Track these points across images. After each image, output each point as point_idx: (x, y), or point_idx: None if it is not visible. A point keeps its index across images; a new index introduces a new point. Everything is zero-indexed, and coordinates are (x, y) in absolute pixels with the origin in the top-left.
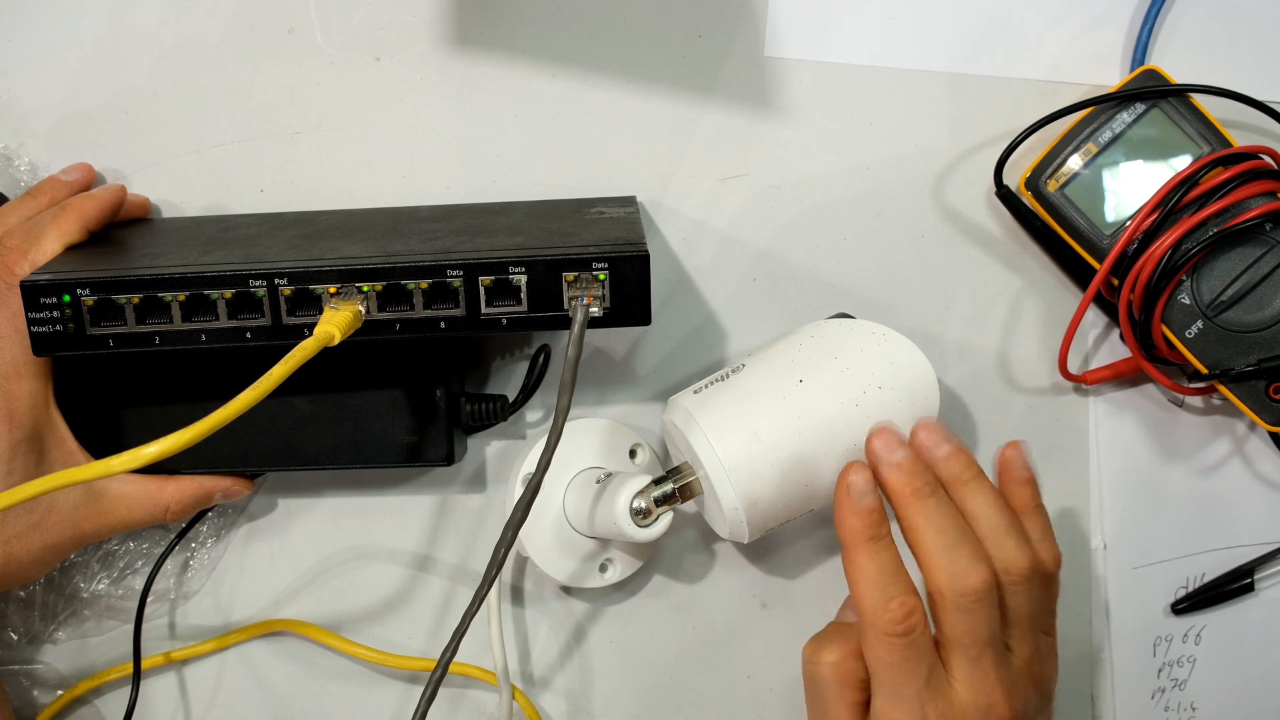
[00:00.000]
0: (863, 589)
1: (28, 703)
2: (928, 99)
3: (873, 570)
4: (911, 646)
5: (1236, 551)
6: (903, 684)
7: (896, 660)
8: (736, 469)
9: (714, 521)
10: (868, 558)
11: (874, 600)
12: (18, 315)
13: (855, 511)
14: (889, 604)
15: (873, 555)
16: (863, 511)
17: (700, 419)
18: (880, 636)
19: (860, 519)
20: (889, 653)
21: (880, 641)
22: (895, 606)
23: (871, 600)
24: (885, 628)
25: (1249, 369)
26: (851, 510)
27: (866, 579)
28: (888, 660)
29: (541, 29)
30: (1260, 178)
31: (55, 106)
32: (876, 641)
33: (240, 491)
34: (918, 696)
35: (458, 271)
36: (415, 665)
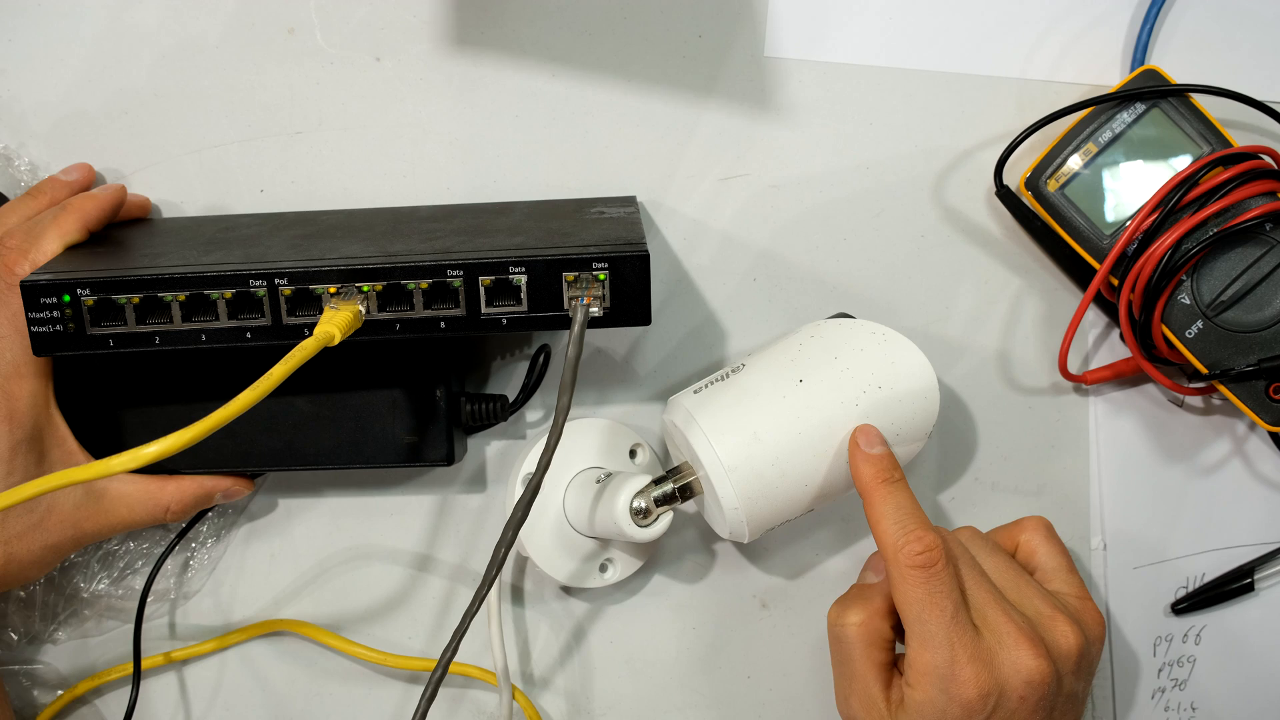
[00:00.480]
0: (883, 527)
1: (28, 703)
2: (928, 99)
3: (890, 508)
4: (935, 578)
5: (1236, 551)
6: (929, 619)
7: (921, 595)
8: (736, 469)
9: (714, 521)
10: (882, 498)
11: (894, 536)
12: (18, 315)
13: (867, 460)
14: (908, 537)
15: (887, 495)
16: (875, 459)
17: (700, 419)
18: (904, 571)
19: (873, 465)
20: (914, 586)
21: (904, 577)
22: (914, 540)
23: (892, 537)
24: (907, 560)
25: (1249, 369)
26: (864, 459)
27: (885, 518)
28: (913, 596)
29: (541, 29)
30: (1260, 178)
31: (55, 106)
32: (901, 578)
33: (240, 491)
34: (945, 632)
35: (458, 271)
36: (415, 665)
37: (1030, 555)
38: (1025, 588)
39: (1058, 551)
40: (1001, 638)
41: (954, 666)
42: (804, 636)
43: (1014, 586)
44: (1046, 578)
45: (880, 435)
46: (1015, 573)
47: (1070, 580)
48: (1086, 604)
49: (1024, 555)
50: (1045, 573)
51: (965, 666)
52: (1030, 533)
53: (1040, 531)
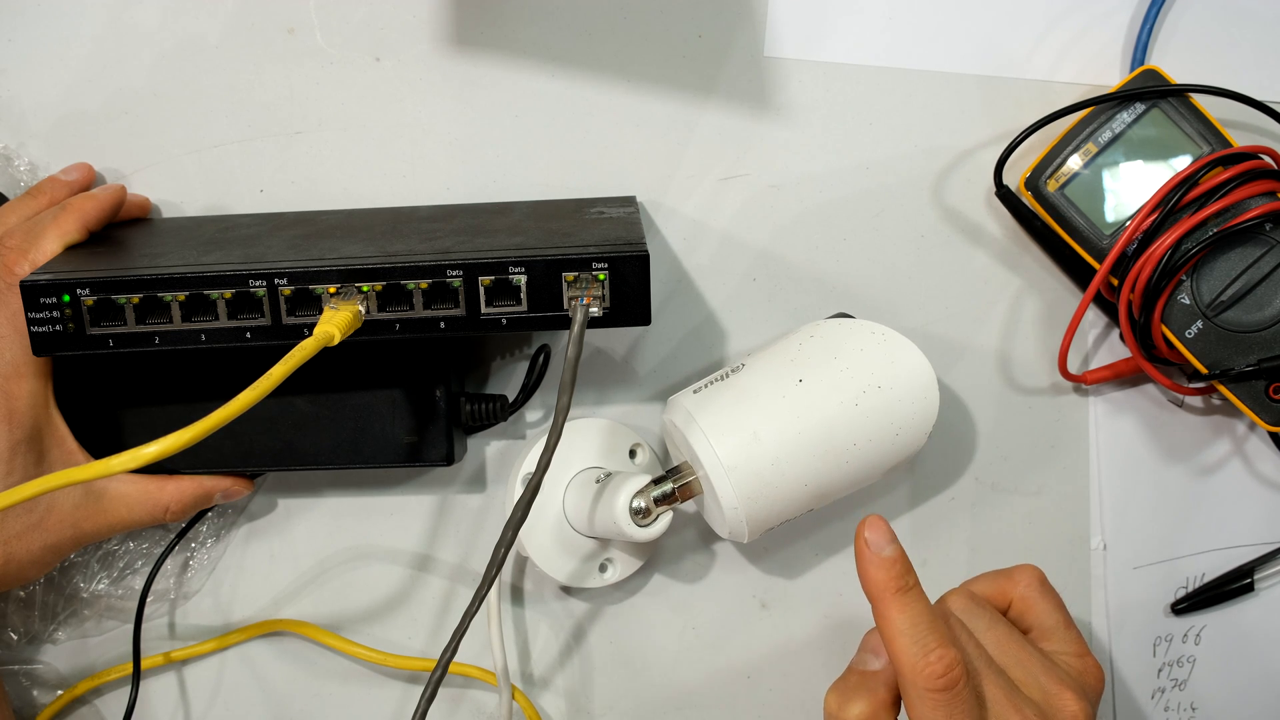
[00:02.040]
0: (899, 644)
1: (28, 703)
2: (928, 99)
3: (906, 623)
4: (956, 700)
5: (1236, 551)
6: None
7: (941, 717)
8: (736, 469)
9: (714, 521)
10: (898, 611)
11: (912, 656)
12: (18, 315)
13: (878, 565)
14: (928, 658)
15: (903, 608)
16: (886, 563)
17: (700, 419)
18: (923, 694)
19: (884, 571)
20: (934, 710)
21: (923, 699)
22: (935, 660)
23: (910, 656)
24: (927, 683)
25: (1249, 369)
26: (873, 563)
27: (901, 633)
28: (931, 718)
29: (541, 29)
30: (1260, 178)
31: (55, 106)
32: (919, 699)
33: (240, 491)
34: None
35: (457, 271)
36: (415, 665)
37: (1025, 612)
38: (1028, 661)
39: (1054, 607)
40: None
41: None
42: (804, 636)
43: (1017, 663)
44: (1044, 635)
45: (890, 531)
46: (1017, 645)
47: (1068, 637)
48: (1086, 661)
49: (1018, 612)
50: (1042, 631)
51: None
52: (1025, 587)
53: (1035, 586)
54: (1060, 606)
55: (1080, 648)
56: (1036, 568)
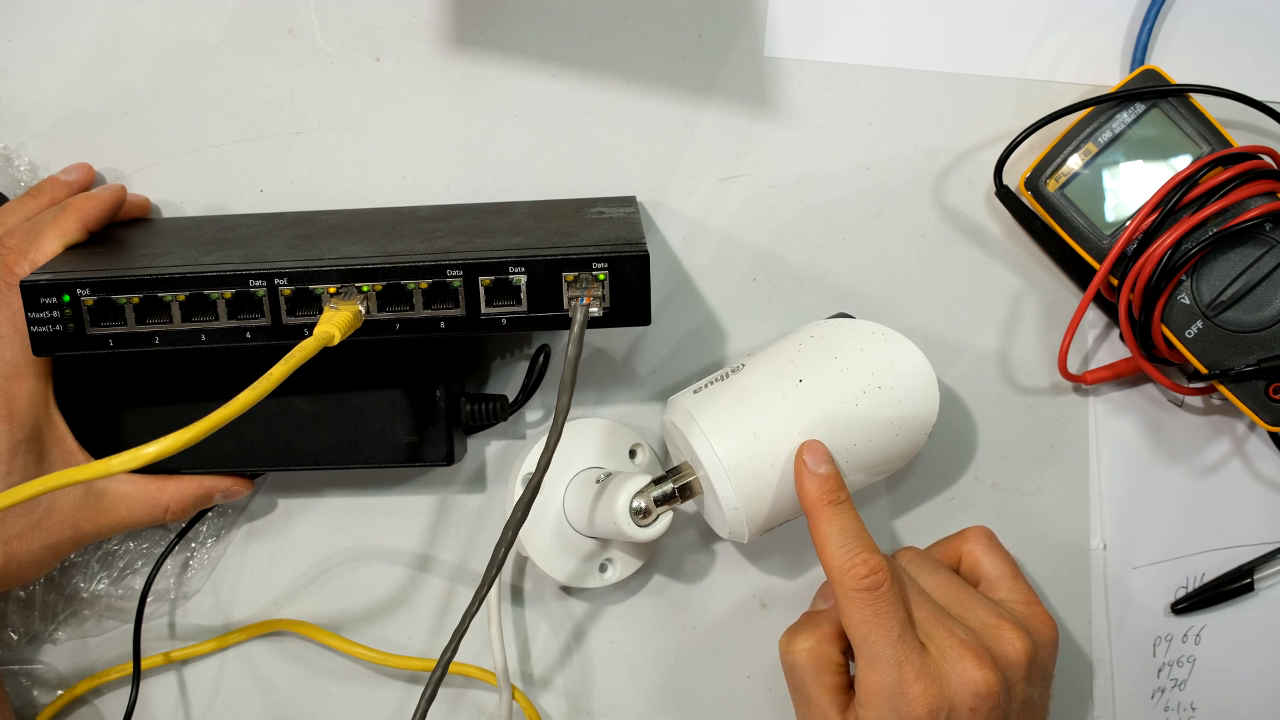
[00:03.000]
0: (829, 550)
1: (28, 703)
2: (928, 99)
3: (835, 531)
4: (880, 600)
5: (1236, 551)
6: (876, 640)
7: (868, 616)
8: (736, 469)
9: (714, 521)
10: (828, 520)
11: (839, 559)
12: (18, 315)
13: (812, 479)
14: (853, 560)
15: (833, 517)
16: (820, 479)
17: (700, 419)
18: (850, 594)
19: (818, 485)
20: (860, 609)
21: (850, 599)
22: (859, 563)
23: (838, 560)
24: (853, 583)
25: (1249, 369)
26: (809, 479)
27: (831, 540)
28: (860, 618)
29: (541, 29)
30: (1260, 178)
31: (55, 106)
32: (847, 601)
33: (240, 491)
34: (893, 652)
35: (458, 271)
36: (415, 665)
37: (974, 566)
38: (969, 600)
39: (1001, 560)
40: (946, 652)
41: (902, 685)
42: None
43: (957, 601)
44: (992, 587)
45: (827, 453)
46: (958, 587)
47: (1016, 587)
48: (1034, 609)
49: (968, 567)
50: (990, 582)
51: (914, 684)
52: (972, 543)
53: (982, 542)
54: (1008, 559)
55: (1028, 596)
56: (985, 527)
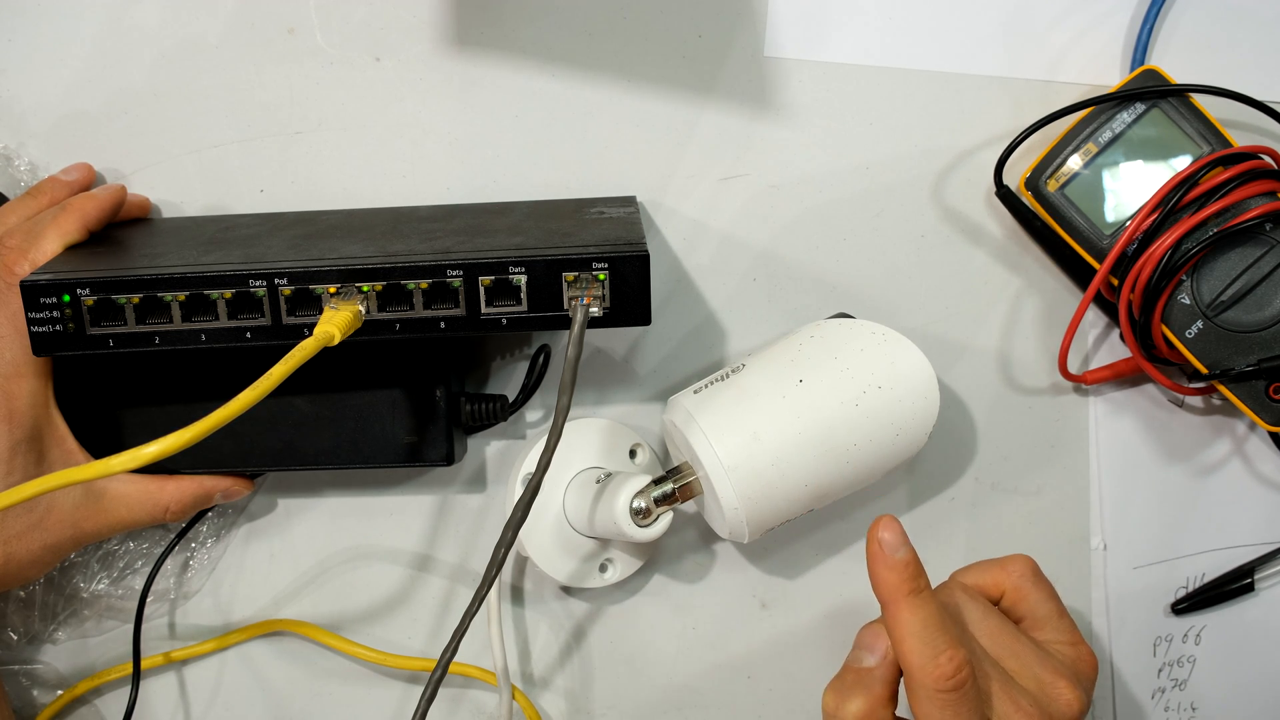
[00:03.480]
0: (909, 645)
1: (28, 703)
2: (928, 99)
3: (917, 625)
4: (964, 700)
5: (1236, 551)
6: None
7: (948, 716)
8: (736, 469)
9: (714, 521)
10: (910, 612)
11: (922, 657)
12: (18, 315)
13: (890, 566)
14: (938, 659)
15: (914, 609)
16: (898, 565)
17: (700, 419)
18: (932, 694)
19: (896, 573)
20: (941, 710)
21: (932, 699)
22: (945, 661)
23: (920, 657)
24: (937, 684)
25: (1249, 369)
26: (886, 565)
27: (911, 634)
28: (940, 717)
29: (541, 29)
30: (1260, 178)
31: (55, 106)
32: (928, 699)
33: (240, 491)
34: None
35: (458, 271)
36: (415, 665)
37: (1018, 602)
38: (1022, 652)
39: (1047, 596)
40: None
41: None
42: (804, 636)
43: (1011, 654)
44: (1037, 625)
45: (903, 532)
46: (1011, 636)
47: (1061, 626)
48: (1080, 649)
49: (1010, 601)
50: (1035, 620)
51: None
52: (1018, 578)
53: (1028, 577)
54: (1053, 596)
55: (1074, 636)
56: (1028, 558)
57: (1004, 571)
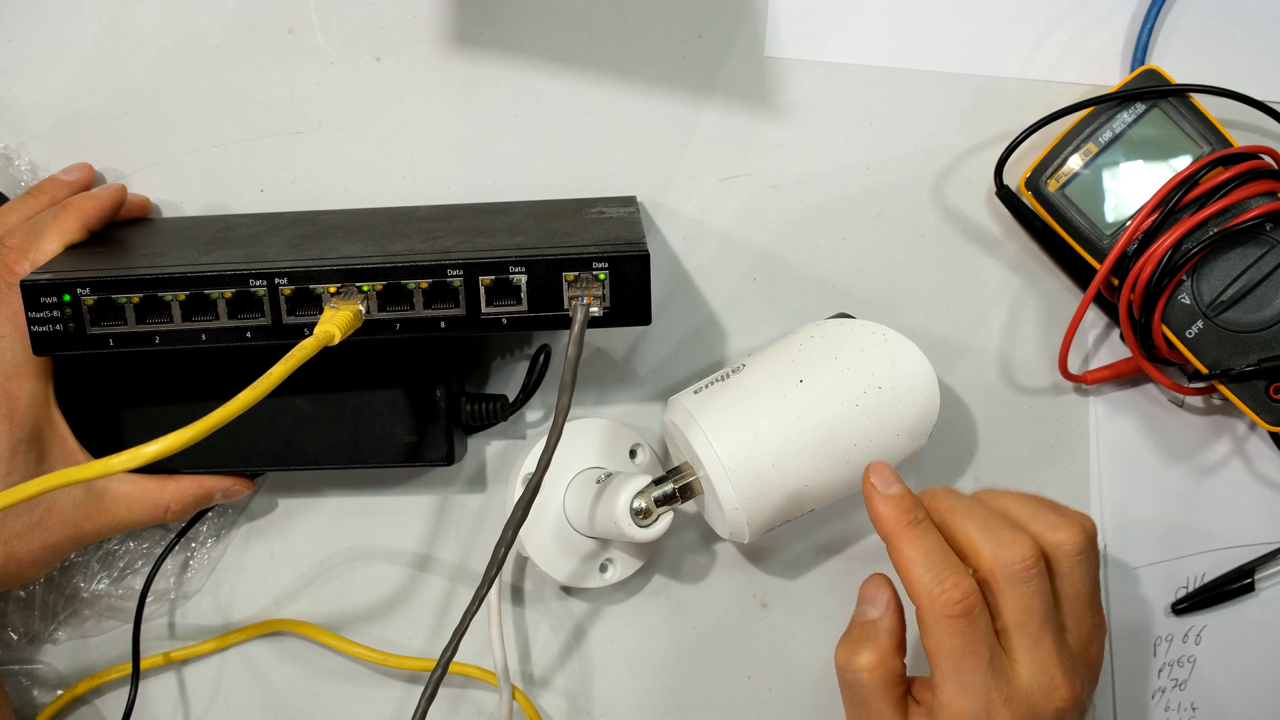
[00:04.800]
0: (914, 574)
1: (28, 702)
2: (928, 99)
3: (919, 554)
4: (972, 627)
5: (1236, 551)
6: (968, 669)
7: (959, 645)
8: (737, 469)
9: (714, 521)
10: (910, 543)
11: (928, 584)
12: (18, 314)
13: (887, 501)
14: (944, 585)
15: (915, 539)
16: (894, 499)
17: (700, 419)
18: (940, 620)
19: (893, 507)
20: (951, 637)
21: (941, 626)
22: (951, 587)
23: (926, 585)
24: (944, 610)
25: (1249, 369)
26: (883, 501)
27: (915, 564)
28: (950, 646)
29: (542, 29)
30: (1260, 178)
31: (55, 106)
32: (937, 627)
33: (240, 491)
34: (983, 681)
35: (458, 271)
36: (415, 665)
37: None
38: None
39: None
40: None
41: (990, 711)
42: (804, 636)
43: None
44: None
45: (894, 472)
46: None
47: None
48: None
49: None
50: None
51: (1001, 709)
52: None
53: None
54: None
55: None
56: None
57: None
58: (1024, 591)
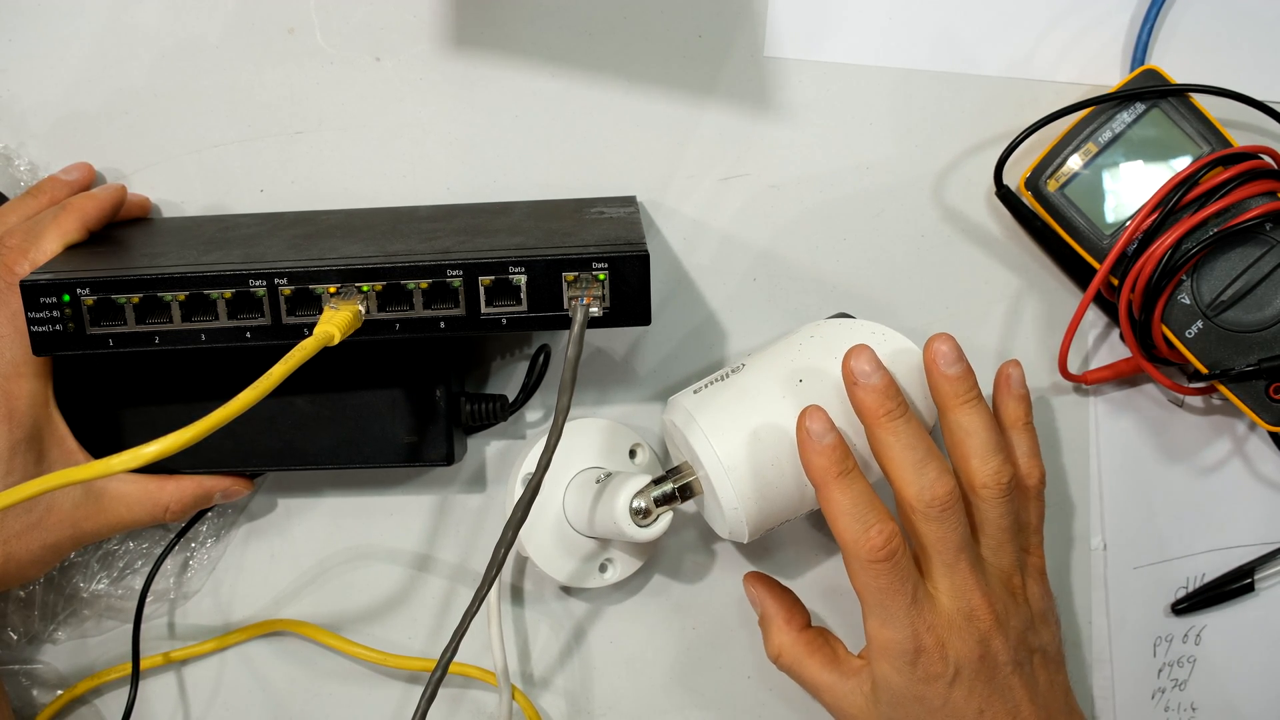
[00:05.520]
0: (842, 522)
1: (27, 702)
2: (928, 99)
3: (847, 503)
4: (895, 569)
5: (1236, 551)
6: (892, 605)
7: (883, 584)
8: (736, 469)
9: (714, 521)
10: (840, 491)
11: (854, 531)
12: (18, 314)
13: (819, 451)
14: (869, 532)
15: (845, 488)
16: (826, 449)
17: (700, 419)
18: (865, 564)
19: (825, 457)
20: (875, 578)
21: (866, 569)
22: (875, 534)
23: (852, 532)
24: (868, 555)
25: (1249, 369)
26: (816, 451)
27: (844, 512)
28: (875, 586)
29: (541, 29)
30: (1260, 178)
31: (55, 106)
32: (862, 570)
33: (240, 491)
34: (906, 614)
35: (457, 271)
36: (415, 665)
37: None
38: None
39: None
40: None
41: (916, 638)
42: None
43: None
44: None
45: (829, 420)
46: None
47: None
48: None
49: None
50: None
51: (925, 636)
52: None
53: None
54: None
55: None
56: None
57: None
58: (938, 527)
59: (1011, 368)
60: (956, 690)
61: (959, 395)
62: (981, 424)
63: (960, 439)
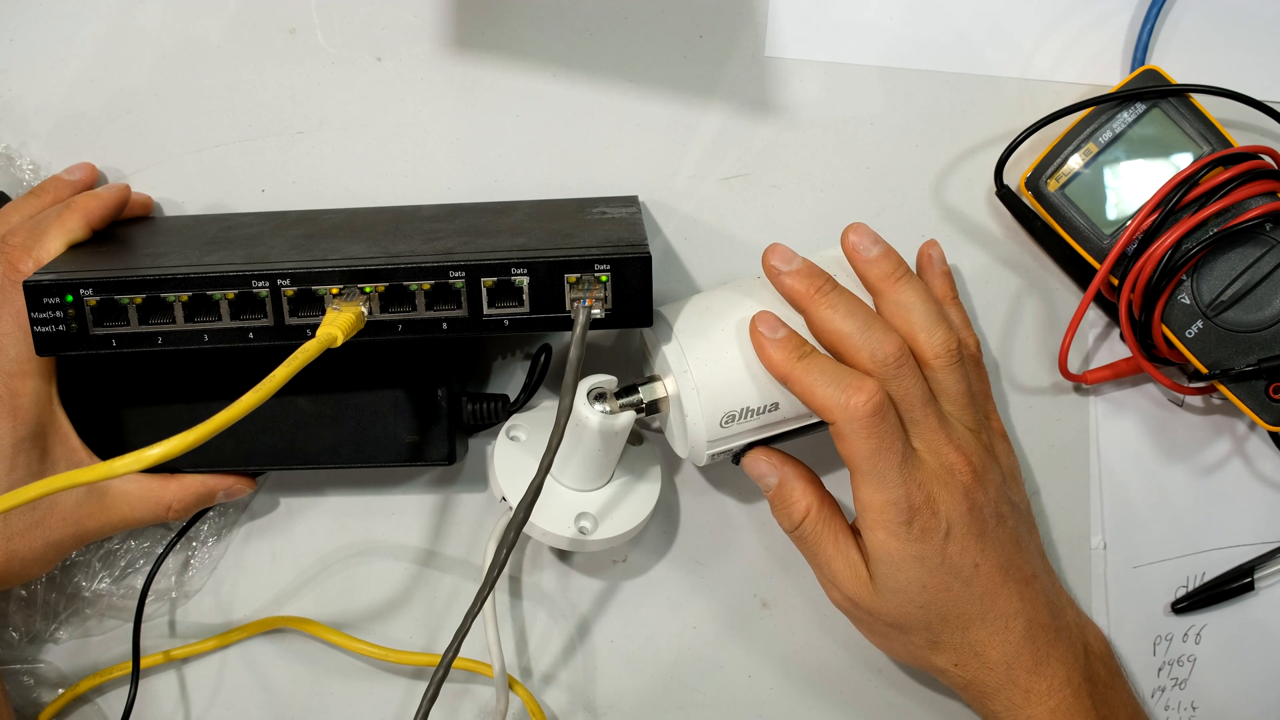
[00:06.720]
0: (819, 394)
1: (29, 701)
2: (928, 99)
3: (817, 374)
4: (885, 424)
5: (1236, 551)
6: (885, 465)
7: (875, 444)
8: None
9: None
10: (806, 370)
11: (835, 397)
12: (22, 313)
13: (775, 345)
14: (849, 392)
15: (810, 366)
16: (781, 340)
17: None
18: (854, 425)
19: (782, 347)
20: (867, 439)
21: (856, 431)
22: (855, 391)
23: (833, 398)
24: (857, 412)
25: (1249, 369)
26: (771, 346)
27: (818, 385)
28: (867, 448)
29: (543, 29)
30: (1260, 178)
31: (57, 106)
32: (852, 432)
33: (242, 490)
34: (899, 474)
35: (460, 273)
36: (418, 660)
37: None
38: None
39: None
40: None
41: (909, 498)
42: (804, 636)
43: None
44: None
45: (777, 319)
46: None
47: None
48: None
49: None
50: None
51: (916, 493)
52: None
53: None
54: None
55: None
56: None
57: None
58: (897, 385)
59: (931, 248)
60: (951, 545)
61: (888, 274)
62: (918, 297)
63: (902, 316)
